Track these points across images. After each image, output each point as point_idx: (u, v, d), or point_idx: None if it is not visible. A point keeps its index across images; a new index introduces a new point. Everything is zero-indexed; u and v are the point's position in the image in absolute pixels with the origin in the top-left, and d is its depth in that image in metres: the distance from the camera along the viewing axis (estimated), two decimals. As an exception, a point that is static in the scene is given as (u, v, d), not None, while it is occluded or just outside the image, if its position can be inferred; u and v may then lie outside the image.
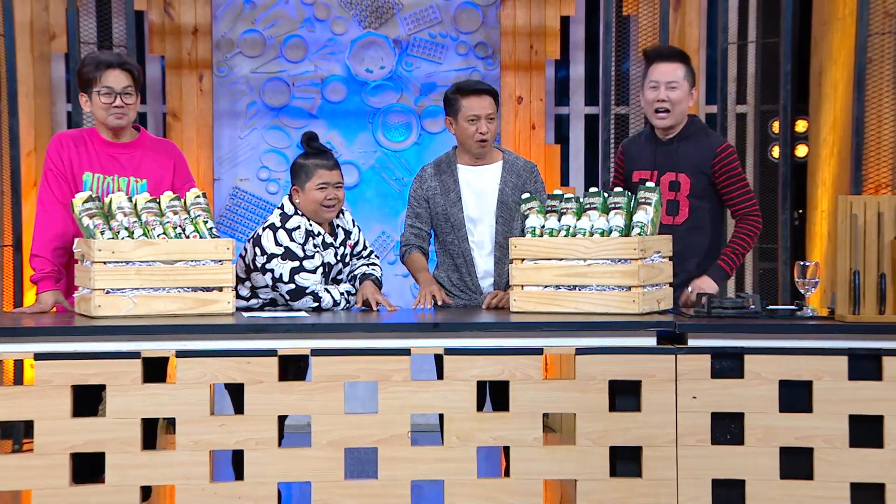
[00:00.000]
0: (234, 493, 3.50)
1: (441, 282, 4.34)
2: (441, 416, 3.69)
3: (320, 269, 4.02)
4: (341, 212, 4.17)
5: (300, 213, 4.05)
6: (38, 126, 5.96)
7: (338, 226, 4.15)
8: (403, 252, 4.35)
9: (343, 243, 4.14)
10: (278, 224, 4.02)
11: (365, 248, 4.25)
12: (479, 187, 4.33)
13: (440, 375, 3.86)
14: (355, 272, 4.20)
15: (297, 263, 3.97)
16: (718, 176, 4.22)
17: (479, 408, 3.60)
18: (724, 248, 4.26)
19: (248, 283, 4.08)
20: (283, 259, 3.97)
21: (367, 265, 4.21)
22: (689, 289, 4.10)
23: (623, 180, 4.37)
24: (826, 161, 5.92)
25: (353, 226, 4.22)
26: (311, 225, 4.04)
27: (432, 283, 4.23)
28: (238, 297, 4.05)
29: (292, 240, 3.99)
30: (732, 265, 4.20)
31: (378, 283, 4.16)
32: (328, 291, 4.01)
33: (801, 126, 6.09)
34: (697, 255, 4.23)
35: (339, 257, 4.12)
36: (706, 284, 4.10)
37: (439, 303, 4.13)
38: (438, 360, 3.95)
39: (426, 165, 4.42)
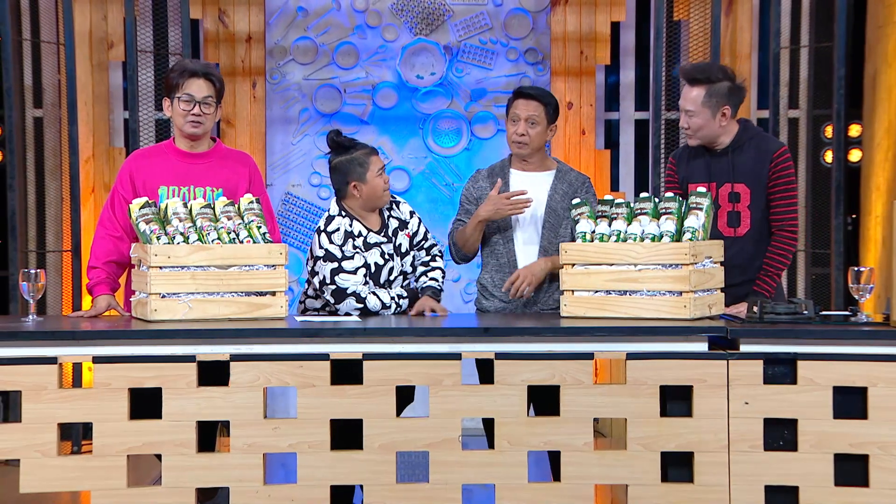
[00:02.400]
0: (287, 495, 3.54)
1: (485, 283, 4.36)
2: (485, 422, 3.70)
3: (362, 271, 4.04)
4: (396, 203, 4.21)
5: (343, 213, 4.09)
6: (96, 133, 6.08)
7: (390, 216, 4.18)
8: (452, 234, 4.37)
9: (394, 234, 4.14)
10: (322, 228, 4.08)
11: (426, 238, 4.25)
12: (529, 192, 4.34)
13: (482, 380, 3.88)
14: (417, 279, 4.21)
15: (335, 265, 4.00)
16: (770, 180, 4.14)
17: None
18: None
19: (314, 281, 4.15)
20: (325, 261, 4.02)
21: (428, 270, 4.22)
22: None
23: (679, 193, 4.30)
24: (880, 165, 5.85)
25: (412, 216, 4.23)
26: (351, 226, 4.08)
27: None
28: (308, 296, 4.18)
29: (332, 242, 4.03)
30: (769, 288, 4.09)
31: (437, 293, 4.17)
32: (375, 294, 4.04)
33: (854, 130, 6.02)
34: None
35: (387, 256, 4.13)
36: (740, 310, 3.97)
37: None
38: (480, 364, 3.96)
39: (481, 169, 4.46)
